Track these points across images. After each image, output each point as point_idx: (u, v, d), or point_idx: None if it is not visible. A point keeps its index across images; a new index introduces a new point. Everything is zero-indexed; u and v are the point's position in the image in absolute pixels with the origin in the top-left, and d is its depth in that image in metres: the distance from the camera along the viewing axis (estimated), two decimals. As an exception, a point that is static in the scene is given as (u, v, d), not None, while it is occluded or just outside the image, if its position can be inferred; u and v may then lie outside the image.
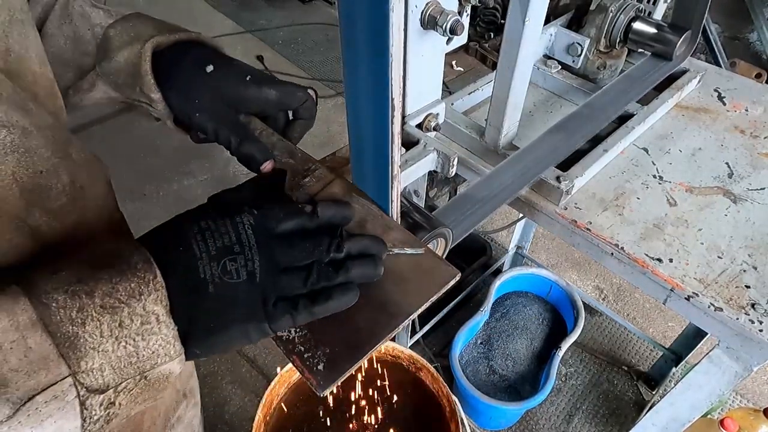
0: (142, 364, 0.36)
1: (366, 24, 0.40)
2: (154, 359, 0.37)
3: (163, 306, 0.37)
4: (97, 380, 0.34)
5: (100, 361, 0.34)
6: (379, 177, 0.52)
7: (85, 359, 0.34)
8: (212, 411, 1.73)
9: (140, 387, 0.37)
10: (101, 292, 0.35)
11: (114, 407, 0.36)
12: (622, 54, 1.04)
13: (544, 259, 2.21)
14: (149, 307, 0.36)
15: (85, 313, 0.34)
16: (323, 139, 2.76)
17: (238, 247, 0.40)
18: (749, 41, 2.79)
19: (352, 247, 0.44)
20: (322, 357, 0.44)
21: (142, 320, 0.36)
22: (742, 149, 0.95)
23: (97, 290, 0.35)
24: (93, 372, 0.34)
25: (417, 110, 0.80)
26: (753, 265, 0.76)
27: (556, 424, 1.72)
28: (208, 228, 0.40)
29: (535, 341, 1.75)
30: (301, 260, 0.42)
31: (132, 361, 0.36)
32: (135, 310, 0.35)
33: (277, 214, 0.43)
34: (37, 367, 0.32)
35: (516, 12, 0.72)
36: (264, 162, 0.54)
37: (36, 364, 0.32)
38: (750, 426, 1.29)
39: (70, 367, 0.33)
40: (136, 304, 0.35)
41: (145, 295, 0.36)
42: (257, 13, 3.75)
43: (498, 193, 0.77)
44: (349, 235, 0.45)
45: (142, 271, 0.36)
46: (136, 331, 0.35)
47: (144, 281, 0.36)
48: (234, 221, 0.41)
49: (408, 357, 1.27)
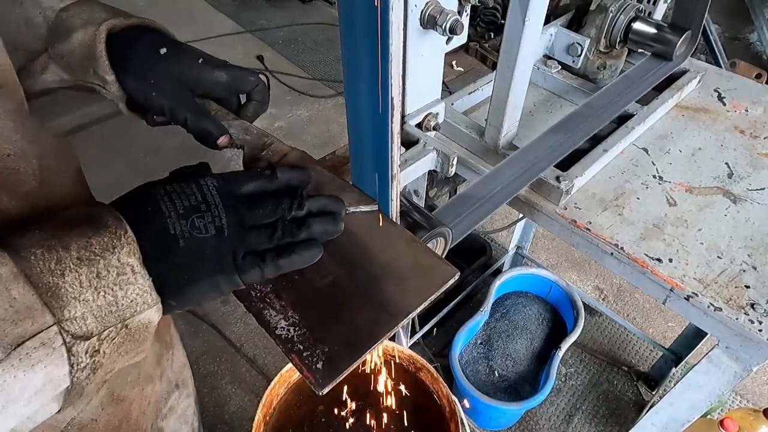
0: (121, 312, 0.38)
1: (366, 24, 0.40)
2: (133, 307, 0.38)
3: (136, 258, 0.39)
4: (81, 328, 0.36)
5: (82, 309, 0.36)
6: (378, 176, 0.52)
7: (67, 308, 0.36)
8: (212, 411, 1.73)
9: (122, 336, 0.39)
10: (76, 246, 0.37)
11: (98, 355, 0.38)
12: (622, 54, 1.04)
13: (544, 259, 2.21)
14: (123, 259, 0.38)
15: (63, 264, 0.36)
16: (323, 139, 2.77)
17: (204, 206, 0.42)
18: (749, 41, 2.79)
19: (313, 206, 0.47)
20: (321, 355, 0.44)
21: (117, 271, 0.38)
22: (742, 149, 0.95)
23: (72, 244, 0.37)
24: (76, 320, 0.36)
25: (417, 110, 0.80)
26: (753, 265, 0.77)
27: (556, 424, 1.72)
28: (174, 191, 0.42)
29: (535, 341, 1.75)
30: (265, 218, 0.45)
31: (112, 310, 0.38)
32: (110, 262, 0.37)
33: (238, 177, 0.46)
34: (23, 315, 0.34)
35: (516, 12, 0.72)
36: (220, 136, 0.56)
37: (21, 313, 0.34)
38: (750, 426, 1.29)
39: (54, 315, 0.35)
40: (111, 257, 0.37)
41: (119, 248, 0.38)
42: (257, 13, 3.75)
43: (498, 193, 0.77)
44: (308, 195, 0.48)
45: (113, 227, 0.38)
46: (113, 281, 0.37)
47: (116, 236, 0.38)
48: (199, 184, 0.43)
49: (408, 357, 1.27)
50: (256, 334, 1.91)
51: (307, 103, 3.00)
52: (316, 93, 3.05)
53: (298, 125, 2.85)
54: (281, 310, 0.47)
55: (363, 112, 0.47)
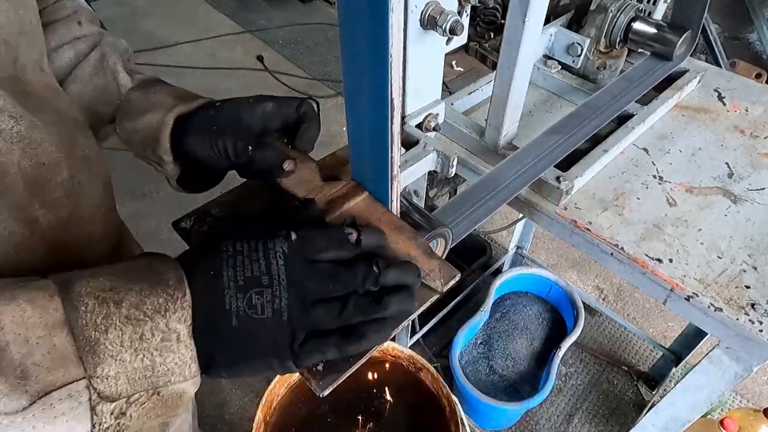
0: (156, 379, 0.37)
1: (366, 24, 0.40)
2: (168, 376, 0.37)
3: (186, 326, 0.37)
4: (111, 387, 0.35)
5: (117, 369, 0.35)
6: (379, 177, 0.52)
7: (102, 365, 0.35)
8: (212, 411, 1.73)
9: (152, 402, 0.38)
10: (129, 303, 0.36)
11: (125, 418, 0.37)
12: (622, 54, 1.03)
13: (544, 259, 2.21)
14: (172, 324, 0.37)
15: (110, 321, 0.35)
16: (323, 139, 2.75)
17: (266, 280, 0.39)
18: (749, 41, 2.79)
19: (389, 280, 0.42)
20: (322, 357, 0.44)
21: (162, 336, 0.36)
22: (742, 149, 0.95)
23: (125, 300, 0.36)
24: (108, 379, 0.35)
25: (417, 110, 0.80)
26: (753, 266, 0.76)
27: (556, 424, 1.72)
28: (241, 251, 0.40)
29: (535, 341, 1.75)
30: (335, 292, 0.41)
31: (147, 375, 0.36)
32: (158, 326, 0.36)
33: (317, 240, 0.42)
34: (57, 365, 0.33)
35: (516, 12, 0.72)
36: (284, 161, 0.54)
37: (57, 362, 0.33)
38: (750, 426, 1.29)
39: (86, 370, 0.34)
40: (160, 320, 0.36)
41: (171, 312, 0.37)
42: (257, 13, 3.75)
43: (498, 193, 0.77)
44: (385, 264, 0.43)
45: (173, 288, 0.37)
46: (155, 347, 0.36)
47: (172, 298, 0.37)
48: (267, 247, 0.40)
49: (408, 357, 1.27)
50: (256, 334, 1.91)
51: (307, 103, 3.00)
52: (316, 93, 3.05)
53: (298, 125, 2.85)
54: None
55: (363, 113, 0.47)
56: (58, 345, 0.33)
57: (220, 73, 3.16)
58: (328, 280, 0.40)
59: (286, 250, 0.40)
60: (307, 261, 0.41)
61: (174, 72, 3.17)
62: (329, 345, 0.39)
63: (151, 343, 0.36)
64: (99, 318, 0.35)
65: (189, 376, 0.38)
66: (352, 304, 0.40)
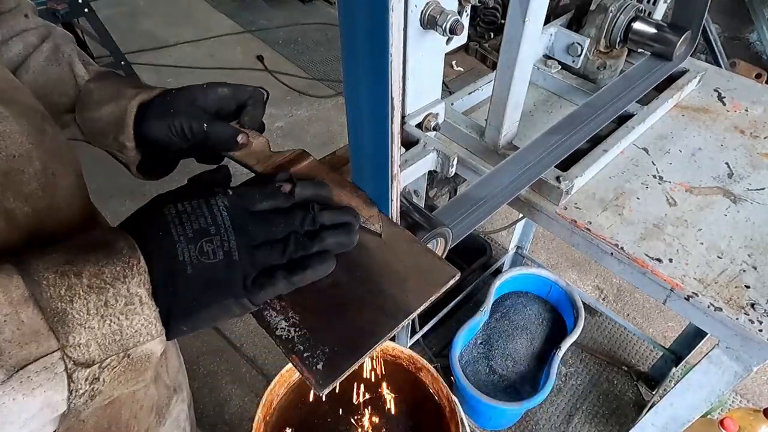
0: (125, 341, 0.38)
1: (366, 24, 0.40)
2: (137, 338, 0.39)
3: (145, 289, 0.39)
4: (84, 355, 0.37)
5: (87, 336, 0.37)
6: (378, 177, 0.52)
7: (72, 334, 0.36)
8: (212, 411, 1.73)
9: (123, 365, 0.39)
10: (89, 273, 0.37)
11: (98, 383, 0.38)
12: (622, 54, 1.04)
13: (544, 259, 2.21)
14: (133, 289, 0.38)
15: (73, 291, 0.36)
16: (323, 139, 2.77)
17: (213, 229, 0.42)
18: (749, 41, 2.79)
19: (326, 219, 0.47)
20: (322, 356, 0.44)
21: (125, 301, 0.38)
22: (742, 149, 0.95)
23: (84, 271, 0.37)
24: (80, 347, 0.36)
25: (417, 110, 0.80)
26: (753, 265, 0.77)
27: (556, 424, 1.72)
28: (184, 210, 0.43)
29: (535, 341, 1.75)
30: (278, 234, 0.45)
31: (116, 339, 0.38)
32: (120, 292, 0.38)
33: (252, 194, 0.46)
34: (29, 339, 0.35)
35: (516, 12, 0.72)
36: (238, 134, 0.57)
37: (28, 337, 0.35)
38: (750, 426, 1.29)
39: (59, 341, 0.36)
40: (121, 286, 0.38)
41: (129, 278, 0.38)
42: (257, 13, 3.75)
43: (498, 193, 0.77)
44: (321, 208, 0.48)
45: (127, 256, 0.39)
46: (120, 311, 0.38)
47: (128, 265, 0.39)
48: (209, 203, 0.44)
49: (408, 357, 1.27)
50: (256, 334, 1.92)
51: (307, 103, 3.00)
52: (316, 93, 3.05)
53: (298, 125, 2.85)
54: (282, 310, 0.47)
55: (363, 112, 0.47)
56: (26, 320, 0.35)
57: (220, 73, 3.16)
58: (268, 224, 0.45)
59: (227, 203, 0.44)
60: (248, 211, 0.45)
61: (174, 72, 3.17)
62: (278, 278, 0.43)
63: (116, 308, 0.38)
64: (62, 290, 0.36)
65: (156, 334, 0.40)
66: (292, 241, 0.45)
